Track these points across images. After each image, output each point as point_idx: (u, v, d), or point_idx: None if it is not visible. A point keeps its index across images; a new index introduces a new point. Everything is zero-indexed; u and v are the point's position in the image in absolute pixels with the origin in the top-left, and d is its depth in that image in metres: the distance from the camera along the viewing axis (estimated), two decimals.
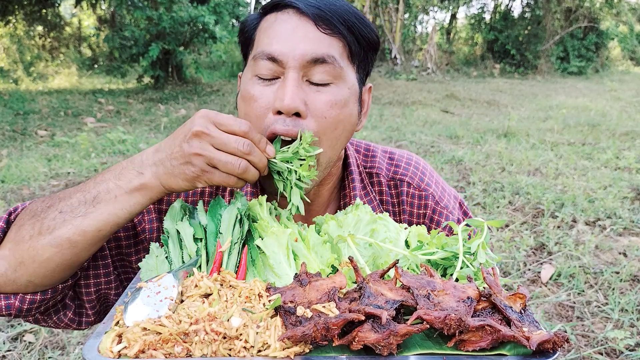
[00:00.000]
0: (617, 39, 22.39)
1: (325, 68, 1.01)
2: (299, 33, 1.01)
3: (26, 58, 14.43)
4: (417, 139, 7.55)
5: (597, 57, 21.00)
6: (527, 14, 20.75)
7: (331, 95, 1.03)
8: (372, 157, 1.31)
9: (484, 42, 20.97)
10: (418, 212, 1.28)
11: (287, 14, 1.04)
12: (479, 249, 0.92)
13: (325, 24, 1.02)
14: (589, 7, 20.02)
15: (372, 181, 1.28)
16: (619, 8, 20.74)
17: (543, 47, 19.30)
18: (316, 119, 1.02)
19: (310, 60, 1.00)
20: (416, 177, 1.29)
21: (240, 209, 0.99)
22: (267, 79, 1.03)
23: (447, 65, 18.95)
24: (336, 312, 0.72)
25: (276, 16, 1.05)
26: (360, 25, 1.06)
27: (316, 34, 1.01)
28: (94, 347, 0.70)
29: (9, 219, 1.03)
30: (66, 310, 1.10)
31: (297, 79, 1.00)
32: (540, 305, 3.18)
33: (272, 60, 1.01)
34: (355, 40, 1.06)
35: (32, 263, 0.93)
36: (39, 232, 0.92)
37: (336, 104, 1.03)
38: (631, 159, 6.36)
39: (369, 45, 1.10)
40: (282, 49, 1.00)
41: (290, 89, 0.99)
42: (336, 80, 1.03)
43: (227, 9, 12.23)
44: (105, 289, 1.15)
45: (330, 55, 1.01)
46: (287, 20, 1.03)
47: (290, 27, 1.02)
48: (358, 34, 1.06)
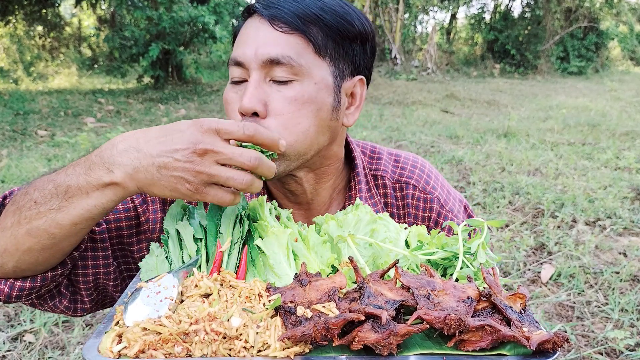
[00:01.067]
0: (617, 39, 22.39)
1: (283, 67, 1.03)
2: (259, 35, 1.04)
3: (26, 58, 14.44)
4: (417, 139, 7.55)
5: (597, 57, 21.01)
6: (527, 14, 20.75)
7: (292, 91, 1.04)
8: (377, 159, 1.31)
9: (484, 42, 20.97)
10: (423, 215, 1.27)
11: (252, 19, 1.08)
12: (479, 249, 0.92)
13: (281, 22, 1.03)
14: (589, 7, 20.02)
15: (377, 183, 1.28)
16: (619, 8, 20.74)
17: (543, 47, 19.31)
18: (275, 117, 1.04)
19: (267, 61, 1.02)
20: (422, 180, 1.29)
21: (241, 208, 0.99)
22: (237, 83, 1.08)
23: (447, 65, 18.95)
24: (336, 312, 0.73)
25: (246, 23, 1.10)
26: (328, 17, 1.05)
27: (273, 34, 1.03)
28: (94, 347, 0.70)
29: (3, 203, 1.04)
30: (61, 297, 1.11)
31: (258, 79, 1.03)
32: (540, 305, 3.18)
33: (239, 65, 1.06)
34: (322, 34, 1.05)
35: (16, 251, 0.94)
36: (17, 221, 0.93)
37: (296, 100, 1.04)
38: (631, 159, 6.37)
39: (342, 35, 1.07)
40: (244, 52, 1.04)
41: (249, 91, 1.02)
42: (298, 77, 1.04)
43: (227, 9, 12.23)
44: (104, 279, 1.15)
45: (285, 55, 1.02)
46: (251, 24, 1.07)
47: (252, 31, 1.06)
48: (324, 25, 1.05)
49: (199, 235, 0.96)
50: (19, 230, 0.92)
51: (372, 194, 1.26)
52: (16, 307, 2.99)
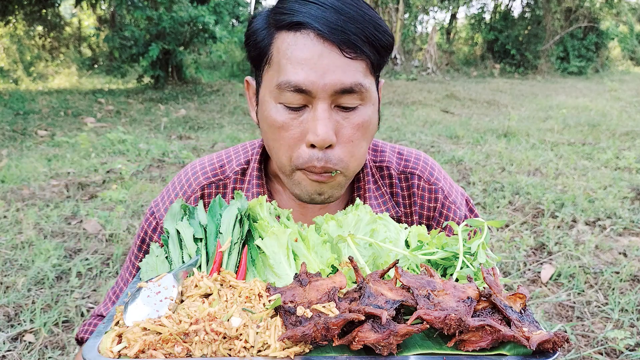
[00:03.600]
0: (617, 39, 22.39)
1: (352, 95, 1.01)
2: (325, 61, 0.97)
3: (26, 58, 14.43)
4: (417, 139, 7.55)
5: (597, 57, 21.00)
6: (527, 14, 20.75)
7: (359, 117, 1.03)
8: (381, 152, 1.32)
9: (484, 42, 20.97)
10: (429, 205, 1.29)
11: (307, 37, 0.98)
12: (479, 249, 0.92)
13: (350, 47, 0.98)
14: (589, 7, 20.02)
15: (382, 174, 1.29)
16: (619, 8, 20.74)
17: (543, 47, 19.30)
18: (344, 144, 1.03)
19: (339, 90, 0.99)
20: (426, 171, 1.30)
21: (240, 209, 0.99)
22: (295, 108, 1.01)
23: (447, 65, 18.95)
24: (336, 312, 0.72)
25: (295, 38, 0.99)
26: (380, 36, 1.02)
27: (342, 61, 0.98)
28: (94, 347, 0.70)
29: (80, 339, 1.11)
30: None
31: (327, 109, 0.99)
32: (540, 305, 3.18)
33: (300, 92, 0.98)
34: (376, 53, 1.03)
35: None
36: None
37: (362, 126, 1.04)
38: (631, 159, 6.37)
39: (388, 51, 1.07)
40: (309, 79, 0.97)
41: (323, 122, 0.98)
42: (363, 102, 1.03)
43: (227, 9, 12.23)
44: None
45: (357, 84, 0.99)
46: (310, 45, 0.98)
47: (315, 55, 0.97)
48: (379, 46, 1.03)
49: (199, 235, 0.96)
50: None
51: (378, 186, 1.28)
52: (16, 307, 2.99)
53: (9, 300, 3.02)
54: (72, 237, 3.92)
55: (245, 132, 8.03)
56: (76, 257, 3.63)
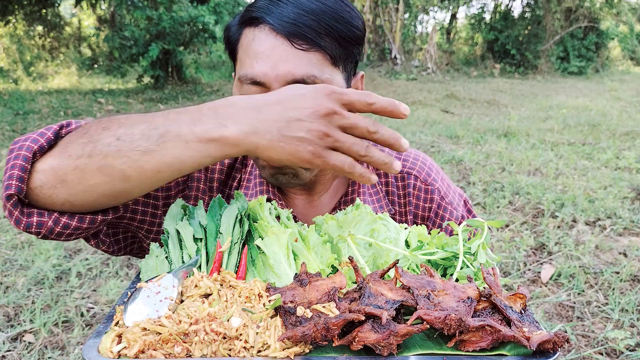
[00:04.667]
0: (617, 39, 22.40)
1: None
2: (277, 53, 1.01)
3: (26, 58, 14.44)
4: (417, 139, 7.55)
5: (597, 57, 21.01)
6: (527, 14, 20.75)
7: None
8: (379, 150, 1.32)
9: (484, 42, 20.97)
10: (424, 206, 1.30)
11: (263, 32, 1.03)
12: (479, 249, 0.92)
13: (300, 39, 1.00)
14: (589, 7, 20.02)
15: (378, 173, 1.29)
16: (619, 8, 20.74)
17: (543, 47, 19.31)
18: None
19: (291, 81, 1.00)
20: (423, 172, 1.31)
21: (240, 209, 0.99)
22: None
23: (447, 65, 18.95)
24: (336, 312, 0.72)
25: (254, 33, 1.04)
26: (340, 26, 1.03)
27: (293, 53, 1.00)
28: (94, 347, 0.70)
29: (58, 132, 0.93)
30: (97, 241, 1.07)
31: None
32: (540, 305, 3.18)
33: (256, 84, 1.02)
34: (336, 44, 1.04)
35: (77, 185, 0.85)
36: (89, 154, 0.84)
37: None
38: (631, 159, 6.37)
39: (352, 42, 1.08)
40: (262, 71, 1.01)
41: None
42: None
43: (227, 9, 12.23)
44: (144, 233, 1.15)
45: (309, 75, 1.01)
46: (264, 39, 1.02)
47: (268, 48, 1.01)
48: (338, 36, 1.04)
49: (198, 235, 0.96)
50: (88, 165, 0.83)
51: (374, 184, 1.28)
52: (16, 307, 2.99)
53: (9, 300, 3.02)
54: None
55: None
56: (76, 257, 3.63)
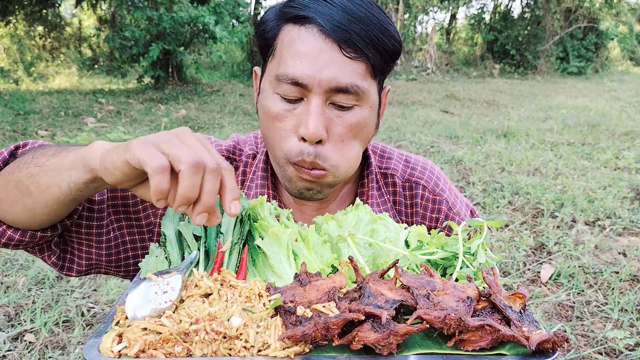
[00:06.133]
0: (616, 39, 22.40)
1: (348, 95, 1.01)
2: (324, 57, 0.98)
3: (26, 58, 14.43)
4: (417, 139, 7.55)
5: (597, 57, 21.01)
6: (527, 14, 20.75)
7: (352, 118, 1.03)
8: (387, 159, 1.31)
9: (483, 42, 20.97)
10: (431, 216, 1.29)
11: (310, 32, 0.99)
12: (479, 249, 0.92)
13: (350, 47, 0.98)
14: (589, 7, 20.02)
15: (386, 182, 1.29)
16: (619, 8, 20.75)
17: (543, 47, 19.30)
18: (334, 143, 1.03)
19: (334, 88, 0.99)
20: (431, 181, 1.30)
21: (241, 208, 0.99)
22: (291, 100, 1.03)
23: (447, 66, 18.95)
24: (336, 311, 0.73)
25: (299, 31, 1.00)
26: (385, 40, 1.02)
27: (341, 59, 0.98)
28: (94, 347, 0.71)
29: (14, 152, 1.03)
30: (50, 253, 1.10)
31: (321, 104, 1.00)
32: (539, 305, 3.18)
33: (296, 84, 1.00)
34: (379, 56, 1.03)
35: (4, 202, 0.95)
36: (12, 171, 0.94)
37: (356, 127, 1.04)
38: (631, 159, 6.37)
39: (393, 57, 1.07)
40: (306, 73, 0.98)
41: (315, 117, 0.99)
42: (359, 103, 1.03)
43: (227, 9, 12.23)
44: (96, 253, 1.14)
45: (353, 85, 1.00)
46: (311, 40, 0.99)
47: (315, 50, 0.98)
48: (383, 50, 1.02)
49: (197, 233, 0.97)
50: (10, 182, 0.93)
51: (381, 192, 1.27)
52: (16, 307, 2.99)
53: (10, 300, 3.02)
54: None
55: (246, 132, 8.02)
56: None
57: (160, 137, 0.74)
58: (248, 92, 12.18)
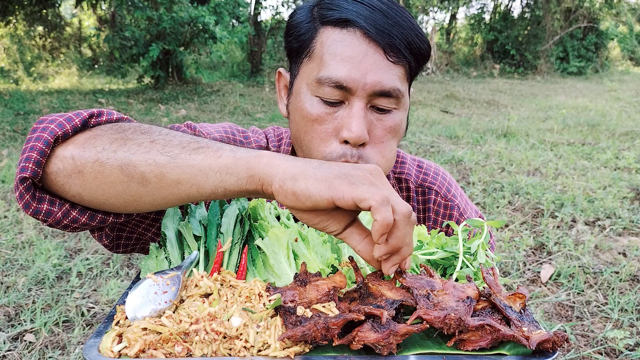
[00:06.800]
0: (616, 39, 22.41)
1: (389, 99, 1.02)
2: (369, 61, 0.98)
3: (26, 58, 14.43)
4: (417, 139, 7.55)
5: (597, 58, 21.02)
6: (527, 14, 20.75)
7: (391, 121, 1.05)
8: (401, 163, 1.33)
9: (483, 42, 20.97)
10: (443, 221, 1.30)
11: (353, 35, 0.99)
12: (479, 249, 0.92)
13: (394, 52, 0.99)
14: (589, 7, 20.03)
15: (400, 186, 1.30)
16: (619, 8, 20.75)
17: (543, 47, 19.31)
18: (374, 144, 1.04)
19: (378, 92, 1.00)
20: (443, 187, 1.31)
21: (241, 208, 0.99)
22: (332, 103, 1.02)
23: (446, 66, 18.95)
24: (336, 312, 0.73)
25: (342, 35, 1.00)
26: (420, 44, 1.04)
27: (385, 64, 0.99)
28: (95, 347, 0.71)
29: (87, 121, 0.89)
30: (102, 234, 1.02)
31: (364, 108, 1.01)
32: (539, 305, 3.18)
33: (340, 88, 0.99)
34: (415, 61, 1.05)
35: (93, 179, 0.81)
36: (115, 149, 0.80)
37: (394, 129, 1.06)
38: (631, 159, 6.37)
39: (424, 60, 1.09)
40: (351, 77, 0.98)
41: (359, 120, 0.99)
42: (397, 106, 1.05)
43: (227, 9, 12.24)
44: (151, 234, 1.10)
45: (395, 89, 1.01)
46: (355, 43, 0.99)
47: (360, 53, 0.98)
48: (418, 54, 1.04)
49: (197, 233, 0.97)
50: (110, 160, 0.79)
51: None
52: (16, 307, 2.99)
53: (10, 300, 3.02)
54: (72, 237, 3.92)
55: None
56: (76, 256, 3.64)
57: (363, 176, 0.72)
58: (248, 92, 12.18)
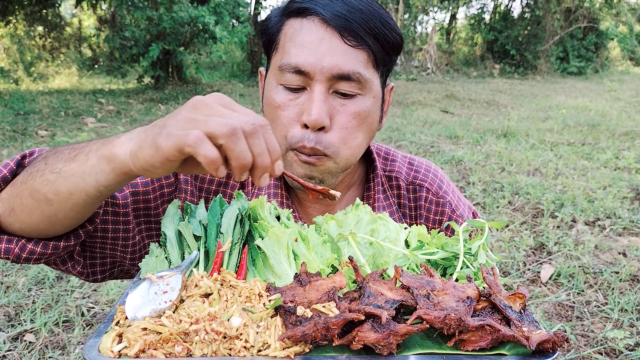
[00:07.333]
0: (616, 39, 22.42)
1: (351, 83, 1.03)
2: (325, 45, 1.01)
3: (26, 58, 14.43)
4: (417, 139, 7.55)
5: (597, 57, 21.02)
6: (527, 14, 20.76)
7: (355, 106, 1.05)
8: (392, 161, 1.32)
9: (483, 42, 20.97)
10: (434, 219, 1.30)
11: (312, 22, 1.03)
12: (480, 249, 0.92)
13: (351, 35, 1.01)
14: (589, 7, 20.03)
15: (391, 184, 1.30)
16: (619, 8, 20.75)
17: (543, 47, 19.31)
18: (337, 130, 1.05)
19: (336, 75, 1.01)
20: (435, 184, 1.31)
21: (241, 209, 0.99)
22: (293, 89, 1.05)
23: (446, 66, 18.95)
24: (336, 311, 0.73)
25: (301, 23, 1.04)
26: (386, 31, 1.05)
27: (342, 47, 1.01)
28: (95, 347, 0.71)
29: (21, 162, 0.98)
30: (74, 263, 1.07)
31: (324, 92, 1.02)
32: (539, 305, 3.18)
33: (299, 73, 1.02)
34: (381, 47, 1.05)
35: (21, 212, 0.90)
36: (25, 180, 0.89)
37: (359, 115, 1.05)
38: (631, 159, 6.37)
39: (394, 49, 1.09)
40: (308, 61, 1.01)
41: (317, 104, 1.00)
42: (362, 91, 1.05)
43: (227, 9, 12.23)
44: (121, 252, 1.13)
45: (355, 72, 1.01)
46: (313, 30, 1.02)
47: (317, 39, 1.01)
48: (383, 40, 1.05)
49: (197, 233, 0.97)
50: (24, 191, 0.88)
51: (387, 195, 1.28)
52: (16, 307, 2.99)
53: (10, 300, 3.02)
54: None
55: None
56: None
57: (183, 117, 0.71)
58: (248, 92, 12.18)
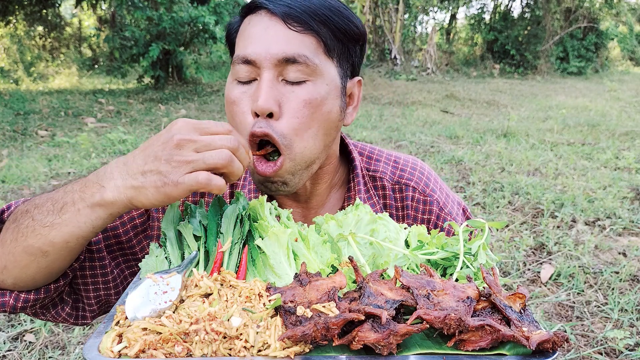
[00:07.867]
0: (616, 39, 22.42)
1: (298, 67, 1.02)
2: (270, 33, 1.02)
3: (26, 58, 14.43)
4: (417, 139, 7.55)
5: (597, 57, 21.02)
6: (527, 14, 20.75)
7: (306, 93, 1.03)
8: (376, 160, 1.30)
9: (483, 42, 20.97)
10: (422, 217, 1.28)
11: (259, 16, 1.05)
12: (480, 249, 0.92)
13: (295, 21, 1.02)
14: (589, 7, 20.03)
15: (375, 185, 1.28)
16: (619, 8, 20.75)
17: (543, 47, 19.30)
18: (288, 119, 1.02)
19: (282, 59, 1.01)
20: (421, 182, 1.28)
21: (241, 209, 0.99)
22: (245, 82, 1.06)
23: (446, 66, 18.95)
24: (336, 311, 0.73)
25: (251, 19, 1.07)
26: (336, 18, 1.05)
27: (286, 33, 1.02)
28: (95, 347, 0.71)
29: (1, 218, 1.04)
30: (63, 304, 1.11)
31: (271, 79, 1.02)
32: (539, 305, 3.18)
33: (247, 63, 1.03)
34: (331, 34, 1.05)
35: (14, 268, 0.94)
36: (15, 238, 0.93)
37: (311, 103, 1.03)
38: (631, 159, 6.37)
39: (348, 37, 1.08)
40: (254, 50, 1.02)
41: (264, 91, 1.00)
42: (312, 77, 1.03)
43: (227, 9, 12.24)
44: (104, 290, 1.15)
45: (301, 55, 1.01)
46: (259, 21, 1.04)
47: (262, 28, 1.03)
48: (333, 27, 1.05)
49: (197, 233, 0.97)
50: (16, 248, 0.92)
51: (370, 195, 1.26)
52: None
53: None
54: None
55: None
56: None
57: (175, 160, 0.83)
58: None
